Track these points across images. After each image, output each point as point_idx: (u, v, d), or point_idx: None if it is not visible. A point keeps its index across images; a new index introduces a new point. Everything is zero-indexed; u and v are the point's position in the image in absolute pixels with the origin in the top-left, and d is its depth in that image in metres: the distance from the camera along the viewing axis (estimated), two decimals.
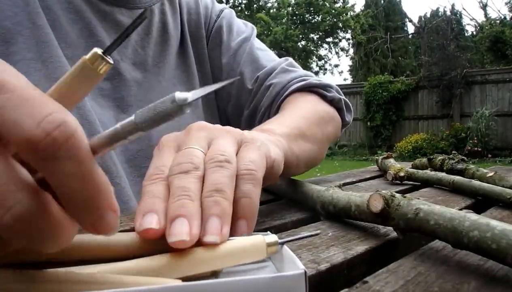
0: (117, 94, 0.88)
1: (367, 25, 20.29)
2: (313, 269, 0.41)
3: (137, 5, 0.93)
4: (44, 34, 0.79)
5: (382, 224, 0.52)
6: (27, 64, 0.77)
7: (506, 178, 0.85)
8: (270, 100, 1.02)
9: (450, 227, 0.43)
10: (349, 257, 0.45)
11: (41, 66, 0.77)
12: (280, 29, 17.44)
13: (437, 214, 0.45)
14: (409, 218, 0.48)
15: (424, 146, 11.33)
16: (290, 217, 0.66)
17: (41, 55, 0.78)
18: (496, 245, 0.38)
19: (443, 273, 0.40)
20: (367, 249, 0.49)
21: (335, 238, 0.53)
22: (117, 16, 0.89)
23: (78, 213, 0.27)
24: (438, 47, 14.39)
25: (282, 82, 1.03)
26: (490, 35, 15.99)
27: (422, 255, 0.47)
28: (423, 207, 0.47)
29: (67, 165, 0.25)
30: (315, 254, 0.46)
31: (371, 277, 0.39)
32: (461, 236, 0.42)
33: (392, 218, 0.50)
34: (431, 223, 0.45)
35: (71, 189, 0.26)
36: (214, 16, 1.11)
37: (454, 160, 1.01)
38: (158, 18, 0.99)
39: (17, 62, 0.76)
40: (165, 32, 0.99)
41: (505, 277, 0.40)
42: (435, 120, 12.80)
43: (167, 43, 0.99)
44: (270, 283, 0.31)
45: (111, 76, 0.88)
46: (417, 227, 0.47)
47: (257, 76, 1.05)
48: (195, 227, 0.36)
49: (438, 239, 0.45)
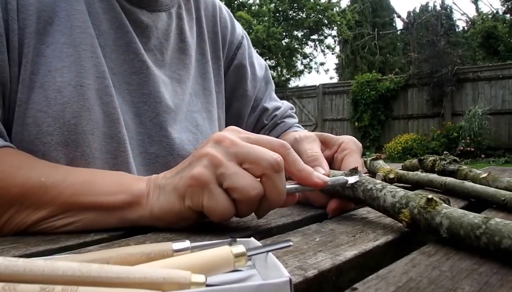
0: (144, 90, 0.91)
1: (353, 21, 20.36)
2: (300, 276, 0.41)
3: (157, 8, 0.96)
4: (80, 19, 0.81)
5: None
6: (60, 48, 0.78)
7: (500, 178, 0.85)
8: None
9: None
10: (337, 263, 0.45)
11: (73, 52, 0.79)
12: (261, 27, 17.45)
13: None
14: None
15: (414, 146, 11.41)
16: (276, 222, 0.66)
17: (74, 40, 0.80)
18: None
19: (435, 279, 0.41)
20: (355, 255, 0.49)
21: (322, 243, 0.53)
22: (140, 16, 0.92)
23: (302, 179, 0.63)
24: (428, 43, 14.49)
25: (288, 124, 1.25)
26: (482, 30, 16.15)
27: (413, 259, 0.47)
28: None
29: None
30: (302, 260, 0.46)
31: (361, 283, 0.39)
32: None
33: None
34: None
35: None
36: (236, 42, 1.20)
37: (446, 161, 1.02)
38: (176, 23, 1.01)
39: (50, 45, 0.78)
40: (182, 40, 1.02)
41: (499, 282, 0.40)
42: (426, 120, 12.89)
43: (184, 53, 1.02)
44: (254, 291, 0.31)
45: (139, 70, 0.90)
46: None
47: (275, 115, 1.24)
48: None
49: None
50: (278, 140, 0.63)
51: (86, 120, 0.78)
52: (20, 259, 0.31)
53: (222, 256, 0.37)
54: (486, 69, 12.08)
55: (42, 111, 0.75)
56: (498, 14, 19.05)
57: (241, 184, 0.58)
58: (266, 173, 0.58)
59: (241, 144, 0.59)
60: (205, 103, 1.06)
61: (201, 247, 0.41)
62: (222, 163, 0.58)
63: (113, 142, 0.83)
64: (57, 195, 0.65)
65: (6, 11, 0.75)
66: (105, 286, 0.31)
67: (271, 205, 0.61)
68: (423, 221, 0.55)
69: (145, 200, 0.64)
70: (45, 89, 0.76)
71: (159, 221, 0.63)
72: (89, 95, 0.79)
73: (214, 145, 0.60)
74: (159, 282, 0.32)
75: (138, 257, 0.38)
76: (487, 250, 0.47)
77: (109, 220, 0.65)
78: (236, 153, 0.59)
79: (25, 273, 0.30)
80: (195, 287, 0.32)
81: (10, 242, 0.59)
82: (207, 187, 0.58)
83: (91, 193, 0.65)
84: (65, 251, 0.55)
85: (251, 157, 0.59)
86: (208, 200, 0.58)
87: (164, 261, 0.37)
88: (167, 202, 0.62)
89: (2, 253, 0.54)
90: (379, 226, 0.62)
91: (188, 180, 0.59)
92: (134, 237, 0.59)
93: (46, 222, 0.65)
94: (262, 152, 0.59)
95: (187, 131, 0.98)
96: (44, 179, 0.65)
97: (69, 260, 0.36)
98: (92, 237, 0.61)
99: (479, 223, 0.48)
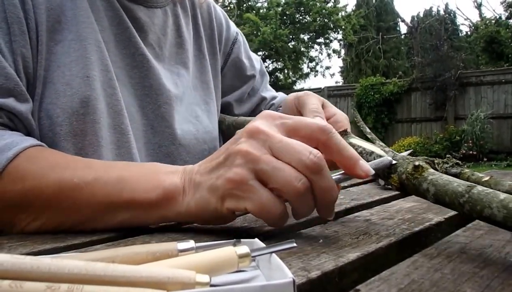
0: (145, 82, 0.93)
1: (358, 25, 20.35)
2: (303, 277, 0.41)
3: (153, 4, 0.98)
4: (84, 15, 0.84)
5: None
6: (68, 44, 0.81)
7: (502, 182, 0.85)
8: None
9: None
10: (340, 264, 0.45)
11: (79, 46, 0.82)
12: (268, 28, 17.44)
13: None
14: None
15: (417, 150, 11.37)
16: None
17: (80, 35, 0.82)
18: None
19: (437, 281, 0.40)
20: (358, 256, 0.48)
21: (326, 244, 0.53)
22: (137, 13, 0.94)
23: (344, 164, 0.58)
24: (431, 47, 14.49)
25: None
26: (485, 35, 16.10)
27: (415, 262, 0.46)
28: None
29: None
30: (306, 261, 0.46)
31: (363, 285, 0.39)
32: None
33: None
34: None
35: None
36: (231, 38, 1.23)
37: (448, 164, 1.01)
38: (172, 20, 1.04)
39: (59, 42, 0.81)
40: (179, 35, 1.05)
41: (500, 285, 0.40)
42: (429, 123, 12.86)
43: (181, 47, 1.05)
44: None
45: (140, 64, 0.93)
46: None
47: (273, 103, 1.28)
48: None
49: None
50: (317, 125, 0.57)
51: (93, 109, 0.80)
52: (27, 257, 0.31)
53: (227, 257, 0.37)
54: (489, 74, 12.04)
55: (52, 104, 0.78)
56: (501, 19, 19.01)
57: (284, 178, 0.53)
58: (305, 174, 0.54)
59: (276, 139, 0.55)
60: (203, 97, 1.09)
61: (206, 247, 0.41)
62: (259, 159, 0.54)
63: (116, 133, 0.85)
64: (92, 196, 0.63)
65: (25, 10, 0.77)
66: (111, 284, 0.31)
67: (323, 202, 0.56)
68: (411, 186, 0.59)
69: (181, 197, 0.61)
70: (55, 83, 0.79)
71: (196, 218, 0.62)
72: (96, 86, 0.82)
73: (248, 139, 0.56)
74: (164, 281, 0.32)
75: (144, 256, 0.38)
76: (471, 216, 0.51)
77: (146, 217, 0.63)
78: (271, 147, 0.55)
79: (32, 270, 0.30)
80: (200, 287, 0.32)
81: (17, 239, 0.59)
82: (248, 187, 0.54)
83: (126, 191, 0.63)
84: (71, 250, 0.55)
85: (286, 156, 0.54)
86: (252, 202, 0.55)
87: (169, 260, 0.37)
88: (204, 201, 0.59)
89: (9, 250, 0.54)
90: (382, 228, 0.62)
91: (226, 182, 0.56)
92: (140, 237, 0.59)
93: (84, 224, 0.64)
94: (297, 151, 0.54)
95: (188, 122, 1.01)
96: (77, 180, 0.64)
97: (76, 258, 0.36)
98: (98, 236, 0.61)
99: (463, 191, 0.51)
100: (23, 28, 0.76)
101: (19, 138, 0.69)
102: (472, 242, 0.55)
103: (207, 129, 1.05)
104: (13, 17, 0.75)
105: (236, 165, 0.55)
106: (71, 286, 0.29)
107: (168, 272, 0.32)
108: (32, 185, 0.64)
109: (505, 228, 0.48)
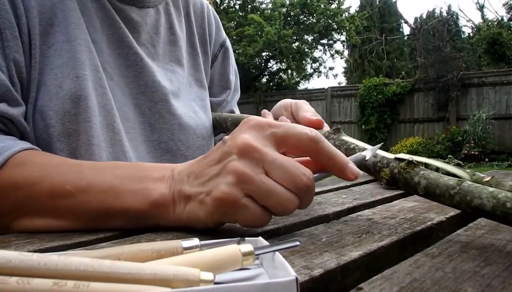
0: (140, 81, 0.94)
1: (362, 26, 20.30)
2: (306, 275, 0.41)
3: (145, 4, 0.98)
4: (74, 16, 0.84)
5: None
6: (59, 47, 0.81)
7: (503, 182, 0.85)
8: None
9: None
10: (342, 263, 0.45)
11: (70, 47, 0.82)
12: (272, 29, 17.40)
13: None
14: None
15: (419, 150, 11.36)
16: (283, 221, 0.66)
17: (70, 36, 0.82)
18: None
19: (438, 280, 0.40)
20: (361, 255, 0.48)
21: (328, 243, 0.53)
22: (129, 13, 0.95)
23: (335, 169, 0.59)
24: (434, 49, 14.46)
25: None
26: (487, 36, 16.03)
27: (417, 261, 0.47)
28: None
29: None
30: (308, 259, 0.46)
31: (366, 283, 0.39)
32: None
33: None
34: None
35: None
36: (220, 40, 1.23)
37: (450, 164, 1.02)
38: (165, 18, 1.04)
39: (52, 45, 0.81)
40: (172, 33, 1.05)
41: (501, 284, 0.40)
42: (431, 124, 12.84)
43: (175, 45, 1.05)
44: (261, 290, 0.31)
45: (133, 63, 0.93)
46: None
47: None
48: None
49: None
50: (307, 134, 0.57)
51: (84, 108, 0.81)
52: (34, 254, 0.31)
53: (231, 255, 0.37)
54: (491, 75, 12.02)
55: (45, 106, 0.79)
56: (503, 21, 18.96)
57: (276, 200, 0.53)
58: (296, 194, 0.54)
59: (269, 158, 0.54)
60: (198, 93, 1.10)
61: (210, 245, 0.41)
62: (252, 181, 0.53)
63: (109, 131, 0.86)
64: (87, 202, 0.63)
65: (17, 15, 0.77)
66: (116, 282, 0.31)
67: (304, 206, 0.57)
68: (402, 179, 0.62)
69: (171, 208, 0.60)
70: (48, 85, 0.79)
71: (188, 226, 0.61)
72: (86, 85, 0.82)
73: (240, 158, 0.54)
74: (168, 278, 0.32)
75: (149, 253, 0.38)
76: (458, 207, 0.55)
77: (138, 225, 0.62)
78: (264, 166, 0.54)
79: (39, 267, 0.30)
80: (204, 284, 0.32)
81: (24, 237, 0.60)
82: (239, 205, 0.54)
83: (119, 201, 0.62)
84: (78, 247, 0.55)
85: (279, 176, 0.54)
86: (243, 218, 0.55)
87: (174, 258, 0.37)
88: (195, 215, 0.58)
89: (17, 248, 0.54)
90: (384, 227, 0.62)
91: (217, 200, 0.55)
92: (145, 235, 0.59)
93: (75, 229, 0.64)
94: (291, 173, 0.54)
95: (188, 117, 1.01)
96: (69, 187, 0.63)
97: (82, 255, 0.36)
98: (104, 234, 0.61)
99: (454, 184, 0.55)
100: (15, 33, 0.76)
101: (11, 143, 0.69)
102: (473, 241, 0.55)
103: (205, 125, 1.06)
104: (5, 22, 0.75)
105: (228, 183, 0.54)
106: (77, 282, 0.30)
107: (173, 269, 0.32)
108: (25, 194, 0.64)
109: (494, 218, 0.50)
